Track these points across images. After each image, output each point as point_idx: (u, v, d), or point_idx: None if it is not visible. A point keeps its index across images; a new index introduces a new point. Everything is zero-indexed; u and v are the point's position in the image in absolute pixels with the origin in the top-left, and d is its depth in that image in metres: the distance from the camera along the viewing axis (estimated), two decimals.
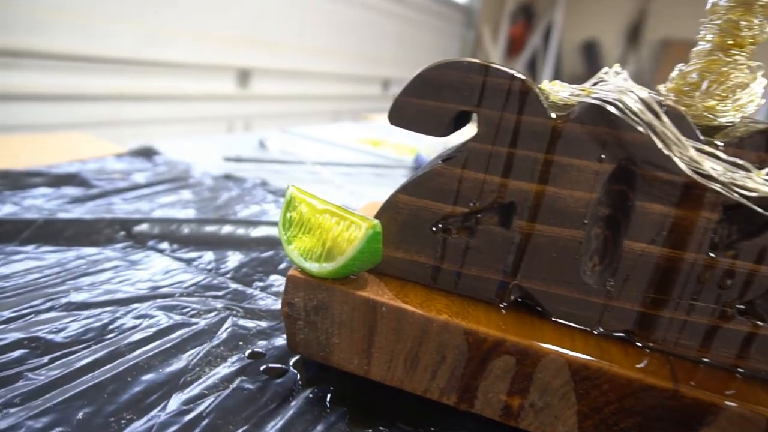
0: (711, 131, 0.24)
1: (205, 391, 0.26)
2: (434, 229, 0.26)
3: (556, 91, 0.25)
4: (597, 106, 0.22)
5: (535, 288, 0.25)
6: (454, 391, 0.24)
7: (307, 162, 0.71)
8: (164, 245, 0.41)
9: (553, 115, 0.23)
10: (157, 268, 0.38)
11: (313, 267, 0.25)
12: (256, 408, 0.25)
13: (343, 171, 0.73)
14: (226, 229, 0.45)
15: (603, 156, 0.23)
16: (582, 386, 0.23)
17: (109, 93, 1.26)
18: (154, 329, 0.30)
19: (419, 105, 0.25)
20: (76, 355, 0.27)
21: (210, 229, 0.44)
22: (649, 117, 0.21)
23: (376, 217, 0.26)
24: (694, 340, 0.24)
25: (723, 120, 0.24)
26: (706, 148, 0.21)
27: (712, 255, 0.23)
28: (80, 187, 0.51)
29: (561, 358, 0.23)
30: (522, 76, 0.23)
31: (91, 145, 0.66)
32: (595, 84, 0.29)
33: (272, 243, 0.44)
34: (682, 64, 0.26)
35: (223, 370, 0.28)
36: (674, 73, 0.26)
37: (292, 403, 0.26)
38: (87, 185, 0.52)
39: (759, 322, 0.23)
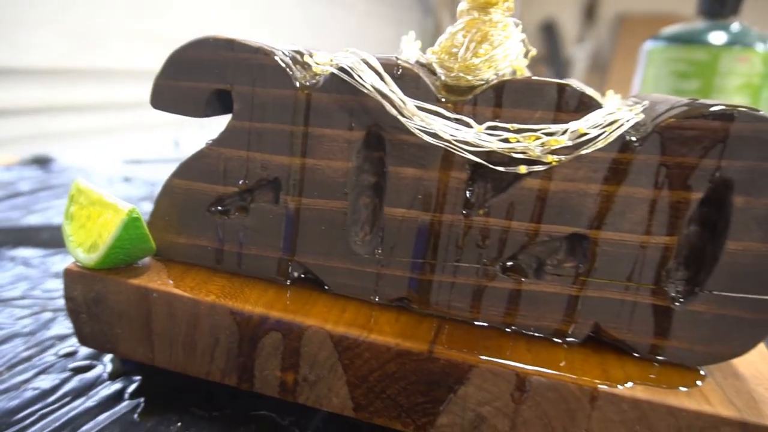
0: (469, 91, 0.24)
1: None
2: (211, 210, 0.25)
3: (318, 62, 0.24)
4: (337, 75, 0.22)
5: (311, 263, 0.25)
6: (234, 371, 0.24)
7: None
8: None
9: (298, 85, 0.23)
10: None
11: (84, 258, 0.24)
12: (43, 406, 0.25)
13: None
14: None
15: (353, 124, 0.23)
16: (346, 356, 0.22)
17: (38, 105, 1.23)
18: None
19: (176, 87, 0.24)
20: None
21: None
22: (379, 82, 0.21)
23: (156, 203, 0.26)
24: (464, 301, 0.24)
25: (482, 78, 0.24)
26: (428, 106, 0.21)
27: (465, 214, 0.23)
28: None
29: (322, 330, 0.22)
30: (268, 48, 0.23)
31: None
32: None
33: None
34: (452, 25, 0.26)
35: (22, 374, 0.27)
36: (444, 35, 0.26)
37: (83, 398, 0.25)
38: None
39: (522, 279, 0.23)
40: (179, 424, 0.24)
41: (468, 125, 0.21)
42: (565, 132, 0.20)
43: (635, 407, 0.20)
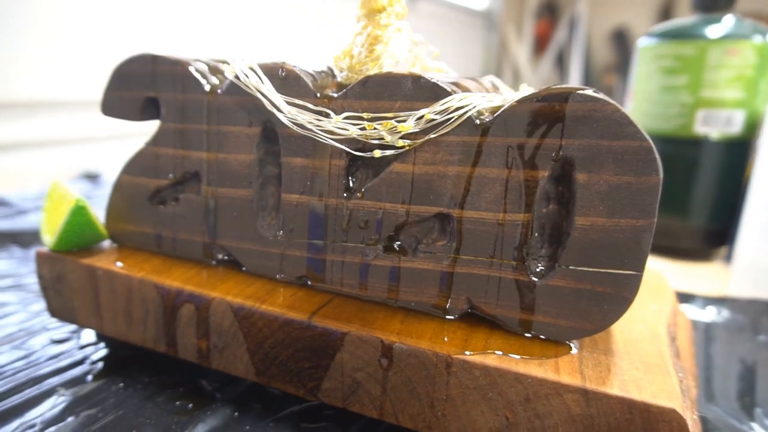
0: None
1: None
2: (151, 201, 0.30)
3: (230, 70, 0.28)
4: (232, 80, 0.26)
5: (229, 245, 0.28)
6: (162, 339, 0.28)
7: None
8: None
9: (207, 89, 0.27)
10: None
11: (48, 242, 0.29)
12: (19, 365, 0.30)
13: None
14: None
15: (251, 121, 0.26)
16: (245, 325, 0.25)
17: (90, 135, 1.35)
18: None
19: (118, 96, 0.29)
20: None
21: None
22: (258, 83, 0.24)
23: (110, 196, 0.30)
24: (353, 279, 0.26)
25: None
26: (297, 101, 0.24)
27: (346, 198, 0.25)
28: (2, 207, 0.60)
29: (224, 301, 0.26)
30: (184, 60, 0.27)
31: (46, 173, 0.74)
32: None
33: None
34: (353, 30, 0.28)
35: (16, 340, 0.32)
36: (347, 40, 0.28)
37: (53, 360, 0.30)
38: (8, 206, 0.60)
39: (402, 257, 0.25)
40: (121, 384, 0.28)
41: (327, 116, 0.23)
42: (412, 119, 0.22)
43: (486, 374, 0.21)
